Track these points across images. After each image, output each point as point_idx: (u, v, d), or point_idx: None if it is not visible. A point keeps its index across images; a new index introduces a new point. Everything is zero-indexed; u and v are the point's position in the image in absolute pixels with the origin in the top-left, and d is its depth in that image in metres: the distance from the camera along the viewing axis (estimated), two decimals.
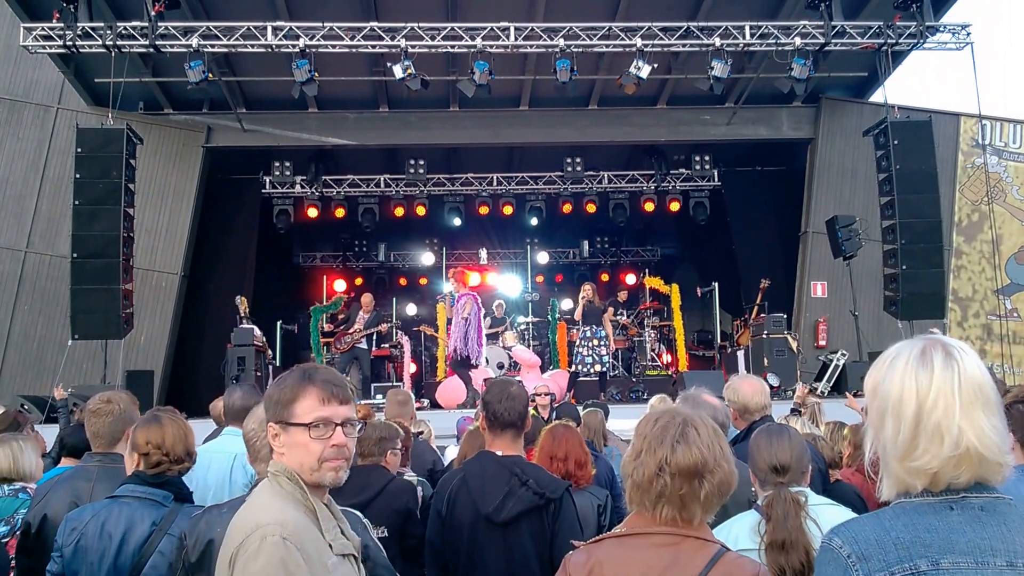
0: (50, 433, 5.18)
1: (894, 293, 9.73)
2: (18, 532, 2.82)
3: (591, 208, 13.50)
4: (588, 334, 9.72)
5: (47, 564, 2.41)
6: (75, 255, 8.90)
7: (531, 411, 6.40)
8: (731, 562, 1.50)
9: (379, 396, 9.41)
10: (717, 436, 1.58)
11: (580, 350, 9.73)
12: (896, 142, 9.63)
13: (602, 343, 9.70)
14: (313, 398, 1.63)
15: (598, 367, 9.69)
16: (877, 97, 11.69)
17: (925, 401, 1.23)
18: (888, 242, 9.89)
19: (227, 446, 3.34)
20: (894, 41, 9.55)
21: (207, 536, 1.93)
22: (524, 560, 2.41)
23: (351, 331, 10.72)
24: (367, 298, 11.20)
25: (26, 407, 8.02)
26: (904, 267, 9.54)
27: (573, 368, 9.77)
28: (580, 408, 5.55)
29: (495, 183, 13.32)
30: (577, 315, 10.09)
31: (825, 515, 2.20)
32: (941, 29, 9.78)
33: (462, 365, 9.31)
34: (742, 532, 2.20)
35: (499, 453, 2.55)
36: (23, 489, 2.97)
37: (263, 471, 1.95)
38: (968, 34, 9.77)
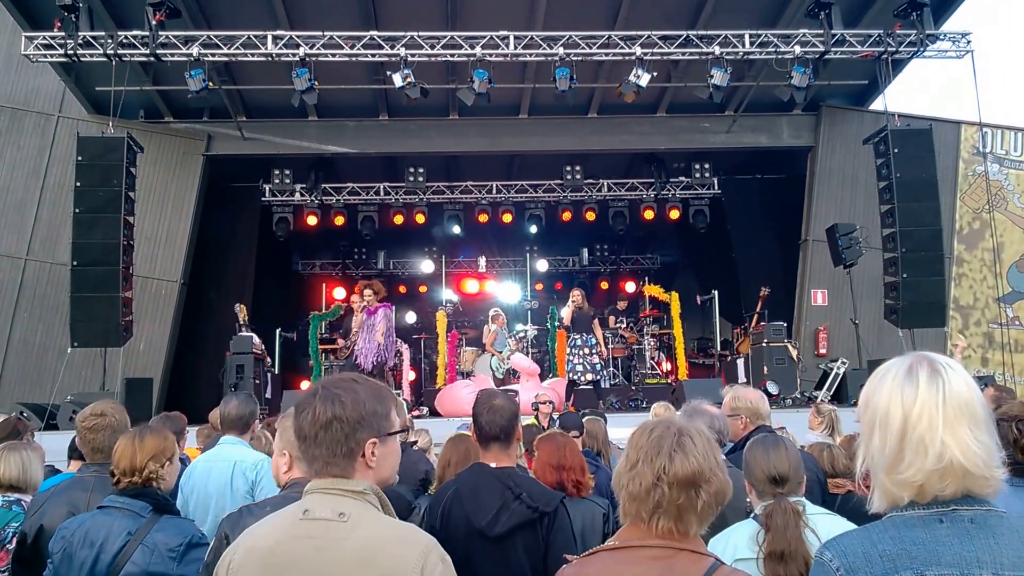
0: (49, 441, 5.17)
1: (895, 301, 9.70)
2: (8, 545, 2.81)
3: (591, 216, 13.52)
4: (579, 342, 9.57)
5: (43, 574, 2.41)
6: (75, 263, 8.90)
7: (531, 419, 6.38)
8: (726, 575, 1.49)
9: None
10: (711, 446, 1.57)
11: (571, 358, 9.60)
12: (896, 150, 9.63)
13: (593, 351, 9.57)
14: (395, 406, 1.69)
15: (590, 375, 9.56)
16: (877, 105, 11.71)
17: (910, 415, 1.28)
18: (889, 250, 9.87)
19: (226, 454, 3.36)
20: (894, 49, 9.56)
21: None
22: (519, 573, 2.39)
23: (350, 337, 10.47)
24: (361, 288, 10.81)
25: (25, 414, 8.00)
26: (905, 275, 9.51)
27: (568, 377, 9.67)
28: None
29: (495, 191, 13.34)
30: (566, 320, 9.98)
31: (823, 525, 2.21)
32: (941, 37, 9.80)
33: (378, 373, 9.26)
34: (740, 541, 2.20)
35: (492, 465, 2.53)
36: (17, 502, 2.97)
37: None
38: (968, 42, 9.78)
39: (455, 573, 1.54)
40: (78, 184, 8.93)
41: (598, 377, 9.79)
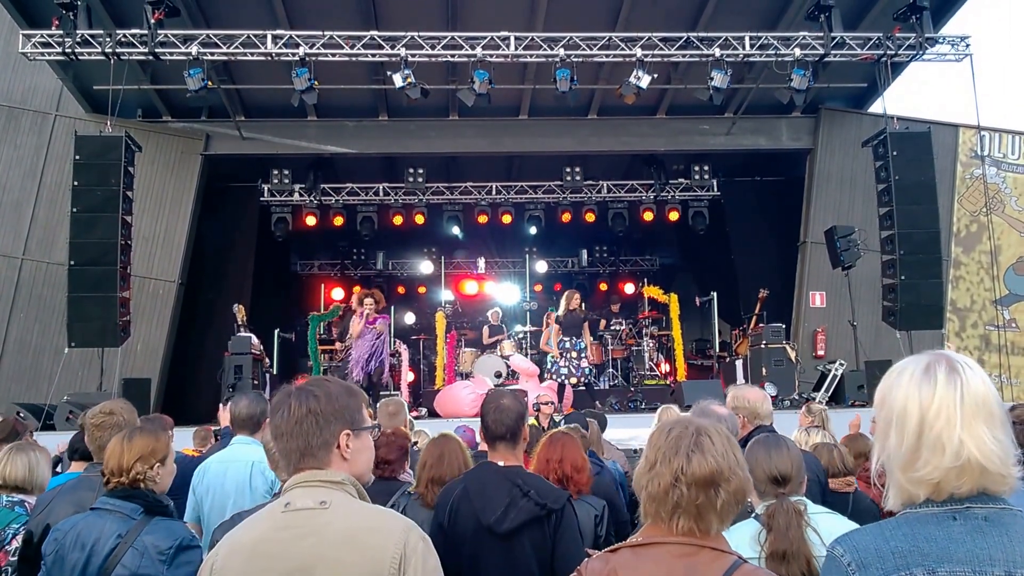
0: (46, 441, 5.13)
1: (892, 303, 9.72)
2: (7, 546, 2.79)
3: (590, 217, 13.52)
4: (567, 345, 9.55)
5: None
6: (72, 262, 8.85)
7: (532, 420, 6.38)
8: (748, 573, 1.49)
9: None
10: (731, 444, 1.57)
11: (558, 360, 9.56)
12: (895, 153, 9.65)
13: (581, 355, 9.56)
14: (365, 403, 1.75)
15: (574, 379, 9.53)
16: (876, 108, 11.75)
17: (927, 413, 1.27)
18: (887, 252, 9.89)
19: (241, 454, 3.33)
20: (893, 52, 9.58)
21: None
22: (526, 570, 2.40)
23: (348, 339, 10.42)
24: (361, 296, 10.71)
25: (22, 415, 7.96)
26: (903, 277, 9.54)
27: (551, 377, 9.65)
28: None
29: (494, 192, 13.34)
30: (559, 317, 9.93)
31: (824, 524, 2.22)
32: (940, 41, 9.82)
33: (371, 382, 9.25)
34: (742, 541, 2.19)
35: (500, 463, 2.55)
36: (21, 503, 2.95)
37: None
38: (967, 46, 9.81)
39: (435, 552, 1.56)
40: (75, 183, 8.90)
41: (587, 380, 9.76)
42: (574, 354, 9.53)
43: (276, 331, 12.15)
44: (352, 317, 9.87)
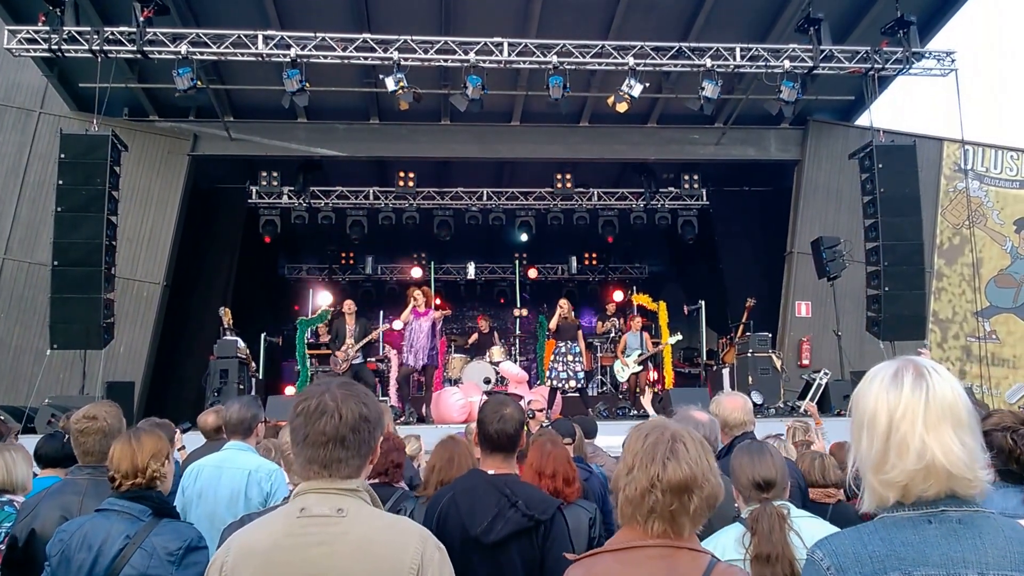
0: (25, 444, 5.06)
1: (876, 314, 9.82)
2: (2, 546, 2.76)
3: (580, 224, 13.56)
4: (563, 349, 9.71)
5: None
6: (56, 263, 8.70)
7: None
8: (724, 572, 1.54)
9: None
10: (704, 450, 1.61)
11: (555, 365, 9.72)
12: (881, 165, 9.77)
13: (577, 359, 9.68)
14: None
15: (573, 383, 9.66)
16: (863, 120, 11.89)
17: (894, 416, 1.32)
18: (871, 264, 9.99)
19: (238, 460, 3.25)
20: (880, 66, 9.72)
21: None
22: None
23: (343, 348, 10.24)
24: (349, 305, 10.37)
25: (2, 417, 7.83)
26: (886, 288, 9.64)
27: (549, 383, 9.72)
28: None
29: (485, 198, 13.35)
30: (551, 327, 10.06)
31: (807, 528, 2.27)
32: (926, 55, 9.97)
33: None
34: (728, 544, 2.24)
35: (491, 472, 2.53)
36: (10, 503, 2.92)
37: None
38: (952, 61, 9.97)
39: (450, 562, 1.57)
40: (60, 182, 8.76)
41: (580, 385, 9.84)
42: (570, 357, 9.63)
43: (263, 335, 12.05)
44: (404, 311, 10.00)
